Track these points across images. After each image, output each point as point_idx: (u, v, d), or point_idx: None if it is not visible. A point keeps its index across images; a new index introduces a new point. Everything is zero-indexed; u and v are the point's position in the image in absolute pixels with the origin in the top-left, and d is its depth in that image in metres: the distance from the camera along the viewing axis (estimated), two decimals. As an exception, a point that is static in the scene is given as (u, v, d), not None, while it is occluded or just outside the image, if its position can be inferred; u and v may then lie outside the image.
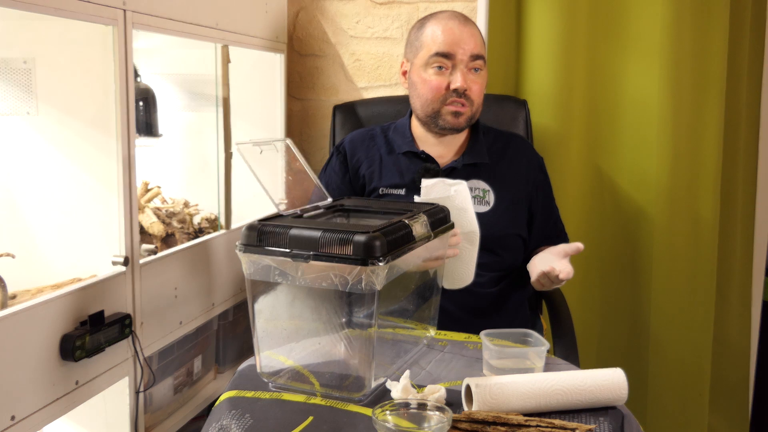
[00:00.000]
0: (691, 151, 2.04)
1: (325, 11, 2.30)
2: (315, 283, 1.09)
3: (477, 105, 1.61)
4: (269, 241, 1.10)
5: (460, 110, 1.58)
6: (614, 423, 1.05)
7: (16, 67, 1.45)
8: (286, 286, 1.13)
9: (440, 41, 1.57)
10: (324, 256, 1.05)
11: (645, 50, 2.03)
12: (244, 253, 1.11)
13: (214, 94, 1.86)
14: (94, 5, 1.31)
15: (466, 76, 1.57)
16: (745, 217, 2.17)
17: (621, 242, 2.13)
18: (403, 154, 1.67)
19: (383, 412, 0.99)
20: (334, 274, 1.06)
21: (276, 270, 1.11)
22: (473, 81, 1.58)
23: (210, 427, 1.07)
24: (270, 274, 1.12)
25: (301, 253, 1.07)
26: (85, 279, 1.41)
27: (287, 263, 1.09)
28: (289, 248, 1.08)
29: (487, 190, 1.62)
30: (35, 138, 1.46)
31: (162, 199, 1.94)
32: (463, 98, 1.57)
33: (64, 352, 1.26)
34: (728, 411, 2.22)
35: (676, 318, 2.08)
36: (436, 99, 1.59)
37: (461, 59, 1.56)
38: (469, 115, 1.60)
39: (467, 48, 1.56)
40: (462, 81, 1.56)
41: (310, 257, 1.06)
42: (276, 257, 1.09)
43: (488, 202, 1.61)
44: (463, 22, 1.60)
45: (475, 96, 1.59)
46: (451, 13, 1.62)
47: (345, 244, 1.04)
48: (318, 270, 1.08)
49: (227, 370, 2.00)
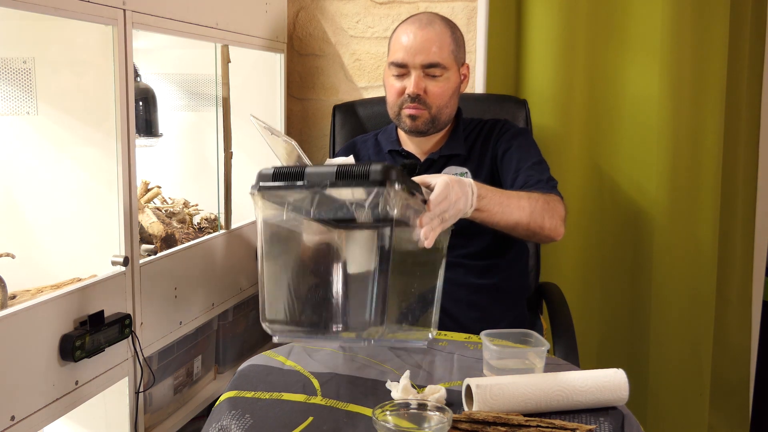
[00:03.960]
0: (692, 151, 2.05)
1: (325, 11, 2.30)
2: (331, 214, 1.08)
3: (437, 107, 1.61)
4: (285, 178, 1.07)
5: (414, 113, 1.61)
6: (614, 423, 1.05)
7: (16, 67, 1.45)
8: (298, 229, 1.11)
9: (395, 50, 1.61)
10: (342, 182, 1.04)
11: (645, 50, 2.03)
12: (258, 191, 1.08)
13: (214, 94, 1.86)
14: (94, 5, 1.31)
15: (420, 81, 1.58)
16: (745, 218, 2.17)
17: (621, 242, 2.13)
18: (388, 153, 1.73)
19: (383, 413, 0.99)
20: (349, 202, 1.05)
21: (290, 207, 1.09)
22: (433, 85, 1.59)
23: (210, 427, 1.07)
24: (283, 212, 1.10)
25: (320, 181, 1.05)
26: (85, 279, 1.41)
27: (303, 198, 1.07)
28: (306, 182, 1.06)
29: (465, 171, 1.64)
30: (35, 138, 1.46)
31: (162, 199, 1.94)
32: (416, 102, 1.59)
33: (64, 352, 1.26)
34: (728, 411, 2.22)
35: (676, 318, 2.08)
36: (395, 103, 1.63)
37: (413, 67, 1.59)
38: (427, 119, 1.62)
39: (419, 59, 1.57)
40: (414, 87, 1.58)
41: (327, 185, 1.05)
42: (293, 190, 1.07)
43: None
44: (424, 26, 1.59)
45: (432, 99, 1.60)
46: (415, 19, 1.63)
47: (362, 173, 1.04)
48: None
49: (227, 370, 2.00)
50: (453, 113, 1.68)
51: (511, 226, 1.39)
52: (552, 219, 1.43)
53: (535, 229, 1.42)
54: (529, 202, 1.40)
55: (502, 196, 1.37)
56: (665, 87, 2.01)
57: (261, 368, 1.24)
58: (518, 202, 1.39)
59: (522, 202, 1.39)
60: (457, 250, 1.52)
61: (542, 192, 1.47)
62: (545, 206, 1.43)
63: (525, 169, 1.57)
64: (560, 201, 1.51)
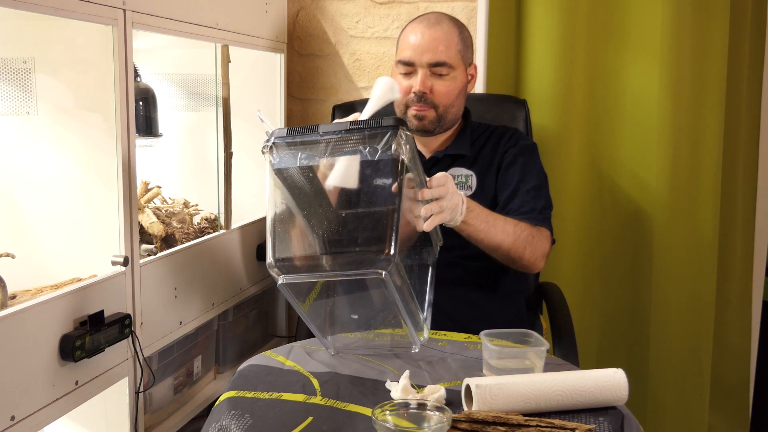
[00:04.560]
0: (692, 151, 2.04)
1: (325, 11, 2.30)
2: (344, 154, 1.13)
3: (443, 107, 1.61)
4: (299, 132, 1.14)
5: (420, 113, 1.60)
6: (614, 423, 1.05)
7: (15, 67, 1.45)
8: (312, 176, 1.17)
9: (403, 48, 1.61)
10: (356, 130, 1.12)
11: (645, 50, 2.03)
12: (273, 144, 1.14)
13: (214, 94, 1.86)
14: (94, 5, 1.31)
15: (426, 80, 1.58)
16: (745, 217, 2.17)
17: (621, 242, 2.13)
18: None
19: (383, 412, 0.99)
20: (362, 145, 1.11)
21: (303, 156, 1.14)
22: (439, 84, 1.59)
23: (210, 427, 1.07)
24: (296, 159, 1.14)
25: (335, 130, 1.12)
26: (85, 279, 1.41)
27: (318, 147, 1.13)
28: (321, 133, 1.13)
29: (470, 174, 1.63)
30: (35, 138, 1.46)
31: (162, 199, 1.94)
32: (422, 102, 1.59)
33: (64, 352, 1.26)
34: (728, 411, 2.22)
35: (676, 318, 2.08)
36: (401, 101, 1.62)
37: (420, 66, 1.59)
38: (434, 118, 1.61)
39: (426, 57, 1.58)
40: (420, 85, 1.58)
41: (343, 132, 1.11)
42: (310, 138, 1.13)
43: (470, 186, 1.63)
44: (432, 25, 1.60)
45: (439, 98, 1.60)
46: (423, 18, 1.64)
47: (375, 123, 1.12)
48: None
49: (227, 370, 2.00)
50: (459, 113, 1.68)
51: (492, 246, 1.43)
52: (533, 253, 1.48)
53: (514, 257, 1.47)
54: (514, 229, 1.45)
55: (489, 216, 1.41)
56: (665, 87, 2.01)
57: (261, 368, 1.24)
58: (504, 226, 1.43)
59: (507, 227, 1.44)
60: (456, 251, 1.52)
61: (531, 224, 1.50)
62: (529, 238, 1.47)
63: (523, 193, 1.58)
64: (547, 236, 1.54)
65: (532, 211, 1.55)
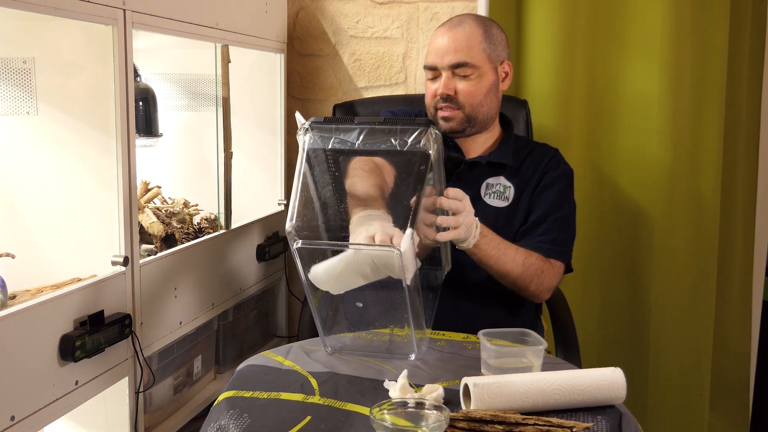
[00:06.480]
0: (691, 151, 2.04)
1: (325, 11, 2.31)
2: (375, 146, 1.20)
3: (471, 106, 1.60)
4: (335, 121, 1.24)
5: (448, 115, 1.60)
6: (612, 421, 1.05)
7: (15, 67, 1.45)
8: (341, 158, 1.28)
9: (428, 53, 1.63)
10: (391, 122, 1.20)
11: (645, 50, 2.03)
12: (310, 127, 1.24)
13: (214, 94, 1.86)
14: (94, 5, 1.32)
15: (449, 82, 1.59)
16: (745, 218, 2.17)
17: (621, 242, 2.13)
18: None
19: (381, 412, 0.99)
20: (393, 137, 1.19)
21: (336, 140, 1.22)
22: (463, 85, 1.59)
23: (208, 427, 1.07)
24: (330, 142, 1.23)
25: (371, 119, 1.21)
26: (85, 279, 1.41)
27: (350, 133, 1.21)
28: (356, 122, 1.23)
29: (508, 186, 1.63)
30: (35, 138, 1.46)
31: (162, 199, 1.94)
32: (448, 103, 1.59)
33: (64, 352, 1.26)
34: (728, 411, 2.22)
35: (676, 318, 2.08)
36: (430, 104, 1.63)
37: (443, 68, 1.59)
38: (462, 118, 1.61)
39: (447, 59, 1.58)
40: (443, 87, 1.59)
41: (377, 123, 1.19)
42: (345, 126, 1.22)
43: (507, 197, 1.62)
44: (453, 27, 1.60)
45: (464, 99, 1.59)
46: (448, 21, 1.64)
47: (408, 120, 1.21)
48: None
49: (227, 370, 2.00)
50: (492, 111, 1.65)
51: (501, 273, 1.47)
52: (538, 286, 1.51)
53: (520, 287, 1.50)
54: (524, 260, 1.47)
55: (501, 243, 1.45)
56: (665, 87, 2.00)
57: (259, 368, 1.24)
58: (514, 256, 1.46)
59: (518, 258, 1.47)
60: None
61: (545, 255, 1.52)
62: (537, 272, 1.49)
63: (551, 220, 1.59)
64: (558, 270, 1.56)
65: (554, 242, 1.56)
